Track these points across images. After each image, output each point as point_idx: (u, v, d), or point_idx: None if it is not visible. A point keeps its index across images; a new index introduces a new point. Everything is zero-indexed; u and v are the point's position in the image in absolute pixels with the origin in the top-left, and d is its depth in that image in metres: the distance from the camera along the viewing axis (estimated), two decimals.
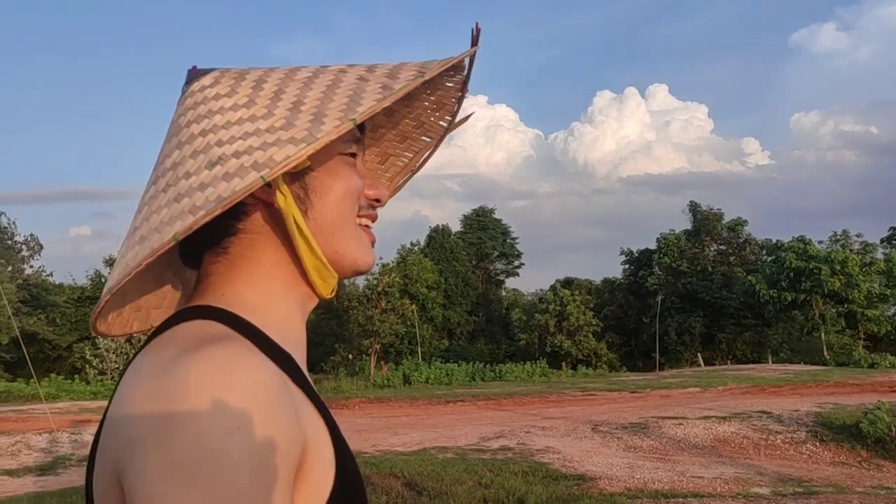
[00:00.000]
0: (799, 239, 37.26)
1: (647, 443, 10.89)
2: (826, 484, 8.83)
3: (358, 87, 0.74)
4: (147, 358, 0.66)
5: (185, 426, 0.59)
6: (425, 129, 0.97)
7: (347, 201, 0.81)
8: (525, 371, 25.57)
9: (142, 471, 0.59)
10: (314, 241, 0.78)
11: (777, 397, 16.07)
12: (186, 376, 0.61)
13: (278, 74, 0.78)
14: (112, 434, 0.64)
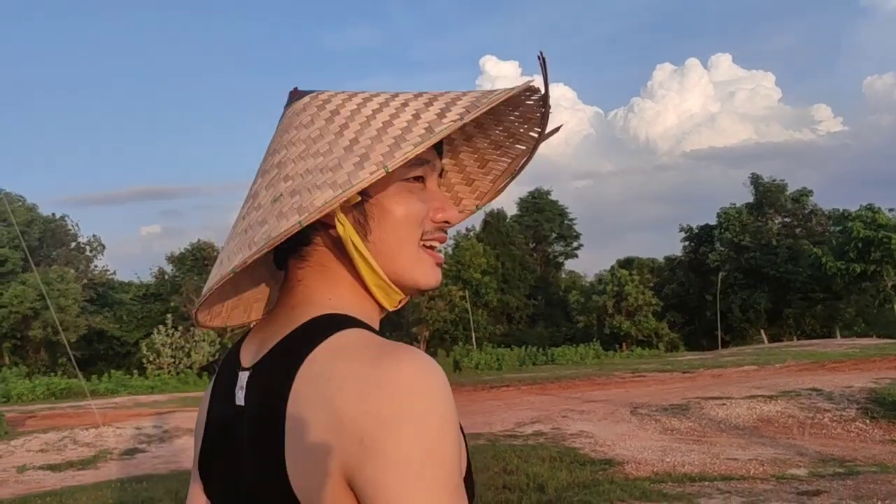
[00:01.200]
0: (867, 207, 35.68)
1: (685, 424, 10.58)
2: (870, 463, 8.40)
3: (406, 129, 0.78)
4: (331, 365, 0.74)
5: (410, 424, 0.68)
6: (516, 138, 1.00)
7: (406, 226, 0.85)
8: (578, 354, 25.23)
9: (383, 461, 0.68)
10: (374, 262, 0.83)
11: (835, 373, 15.43)
12: (402, 379, 0.70)
13: (353, 104, 0.84)
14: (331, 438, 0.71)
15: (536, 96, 0.90)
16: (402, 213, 0.85)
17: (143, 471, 9.22)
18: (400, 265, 0.86)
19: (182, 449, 10.50)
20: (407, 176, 0.86)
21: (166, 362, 22.35)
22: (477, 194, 1.08)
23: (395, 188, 0.85)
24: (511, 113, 0.96)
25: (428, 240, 0.88)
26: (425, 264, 0.88)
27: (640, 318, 40.44)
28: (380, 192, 0.84)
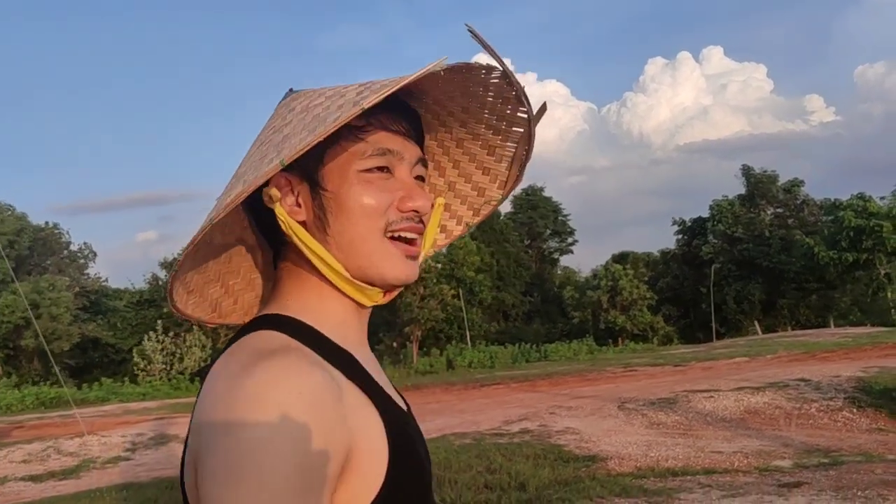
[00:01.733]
0: (858, 196, 35.65)
1: (672, 418, 10.53)
2: (855, 453, 8.36)
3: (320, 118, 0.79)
4: (222, 364, 0.77)
5: (237, 433, 0.68)
6: (509, 122, 0.99)
7: (364, 217, 0.85)
8: (571, 350, 25.16)
9: (205, 469, 0.70)
10: (331, 259, 0.84)
11: (825, 363, 15.39)
12: (243, 390, 0.70)
13: (310, 98, 0.87)
14: (193, 432, 0.75)
15: (496, 73, 0.87)
16: (357, 206, 0.84)
17: (125, 479, 9.14)
18: (363, 259, 0.85)
19: (166, 456, 10.42)
20: (366, 167, 0.85)
21: (158, 369, 22.24)
22: (498, 183, 1.07)
23: (353, 179, 0.85)
24: (486, 93, 0.93)
25: (394, 230, 0.86)
26: (392, 257, 0.86)
27: (634, 313, 40.39)
28: (336, 184, 0.85)
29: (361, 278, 0.86)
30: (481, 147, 1.04)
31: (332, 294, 0.87)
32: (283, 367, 0.73)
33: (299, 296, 0.87)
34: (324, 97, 0.85)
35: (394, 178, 0.87)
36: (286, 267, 0.89)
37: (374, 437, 0.79)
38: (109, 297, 45.33)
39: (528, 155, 1.02)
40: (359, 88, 0.82)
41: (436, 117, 1.02)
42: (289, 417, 0.69)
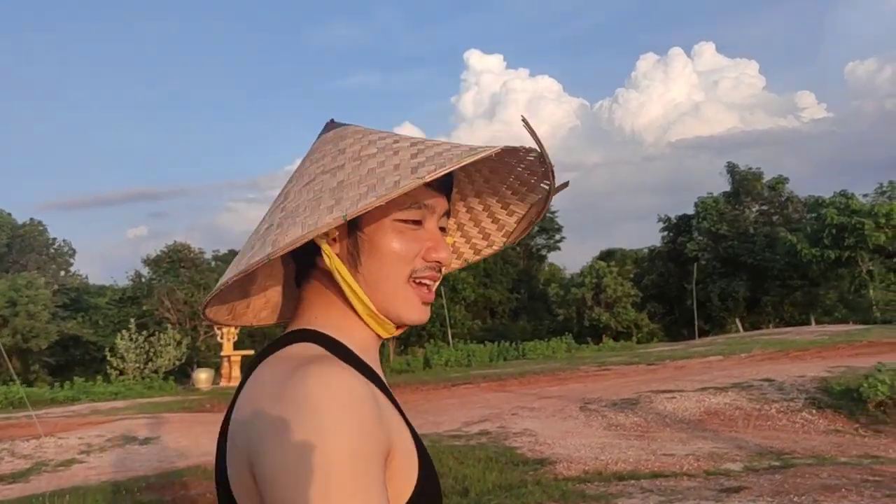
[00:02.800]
0: (841, 193, 35.68)
1: (631, 420, 10.45)
2: (808, 455, 8.31)
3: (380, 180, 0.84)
4: (268, 371, 0.85)
5: (298, 427, 0.75)
6: (530, 187, 1.08)
7: (393, 263, 0.92)
8: (550, 348, 25.04)
9: (268, 461, 0.76)
10: (361, 292, 0.92)
11: (796, 362, 15.36)
12: (297, 389, 0.77)
13: (359, 145, 0.93)
14: (244, 429, 0.81)
15: (533, 154, 0.97)
16: (389, 251, 0.92)
17: (73, 483, 9.00)
18: (386, 298, 0.93)
19: (120, 459, 10.29)
20: (402, 217, 0.93)
21: (131, 367, 22.04)
22: (503, 232, 1.18)
23: (388, 226, 0.93)
24: (518, 165, 1.03)
25: (418, 278, 0.94)
26: (410, 301, 0.94)
27: (618, 310, 40.38)
28: (372, 227, 0.92)
29: (382, 313, 0.94)
30: (496, 201, 1.13)
31: (356, 321, 0.95)
32: (330, 370, 0.80)
33: (326, 316, 0.95)
34: (375, 147, 0.91)
35: (423, 229, 0.95)
36: (313, 288, 0.97)
37: (407, 440, 0.86)
38: (91, 294, 45.05)
39: (538, 217, 1.11)
40: (412, 150, 0.88)
41: (461, 173, 1.11)
42: (344, 411, 0.76)
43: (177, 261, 44.17)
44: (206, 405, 16.22)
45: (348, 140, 0.95)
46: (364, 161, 0.89)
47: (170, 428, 12.90)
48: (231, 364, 21.24)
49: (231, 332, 21.71)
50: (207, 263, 46.65)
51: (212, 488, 8.27)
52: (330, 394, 0.77)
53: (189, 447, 11.01)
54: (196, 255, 45.74)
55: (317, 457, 0.73)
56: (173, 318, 32.00)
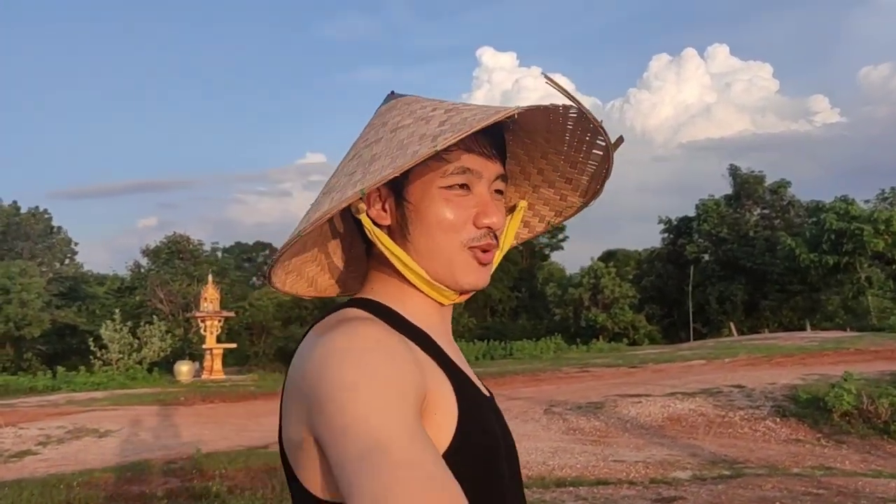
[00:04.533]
0: (841, 199, 35.30)
1: (591, 424, 10.30)
2: (761, 465, 8.16)
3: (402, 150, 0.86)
4: (311, 334, 0.88)
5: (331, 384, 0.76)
6: (589, 144, 1.03)
7: (440, 231, 0.92)
8: (538, 348, 24.84)
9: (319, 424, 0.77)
10: (411, 262, 0.93)
11: (777, 368, 15.17)
12: (326, 347, 0.80)
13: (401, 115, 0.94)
14: (291, 402, 0.84)
15: (573, 111, 0.93)
16: (435, 220, 0.92)
17: (21, 475, 8.92)
18: (439, 266, 0.93)
19: (75, 451, 10.21)
20: (447, 184, 0.92)
21: (115, 358, 22.00)
22: (580, 192, 1.13)
23: (434, 195, 0.92)
24: (567, 123, 0.99)
25: (469, 245, 0.93)
26: (467, 265, 0.93)
27: (615, 311, 40.14)
28: (417, 197, 0.93)
29: (438, 281, 0.94)
30: (564, 161, 1.10)
31: (413, 291, 0.95)
32: (360, 326, 0.83)
33: (384, 288, 0.96)
34: (413, 117, 0.91)
35: (472, 195, 0.94)
36: (375, 263, 0.99)
37: (446, 396, 0.85)
38: (89, 283, 45.14)
39: (607, 173, 1.07)
40: (442, 117, 0.88)
41: (521, 134, 1.08)
42: (369, 358, 0.78)
43: (175, 252, 44.25)
44: (181, 398, 16.13)
45: (394, 112, 0.96)
46: (398, 132, 0.90)
47: (135, 421, 12.83)
48: (213, 357, 21.15)
49: (214, 325, 21.63)
50: (206, 255, 46.72)
51: (155, 483, 8.16)
52: (354, 341, 0.80)
53: (148, 441, 10.94)
54: (195, 246, 45.81)
55: (352, 398, 0.74)
56: (166, 309, 31.99)
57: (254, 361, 39.14)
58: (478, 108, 0.88)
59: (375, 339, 0.81)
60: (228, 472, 8.35)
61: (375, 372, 0.77)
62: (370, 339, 0.81)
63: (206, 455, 9.10)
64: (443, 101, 0.95)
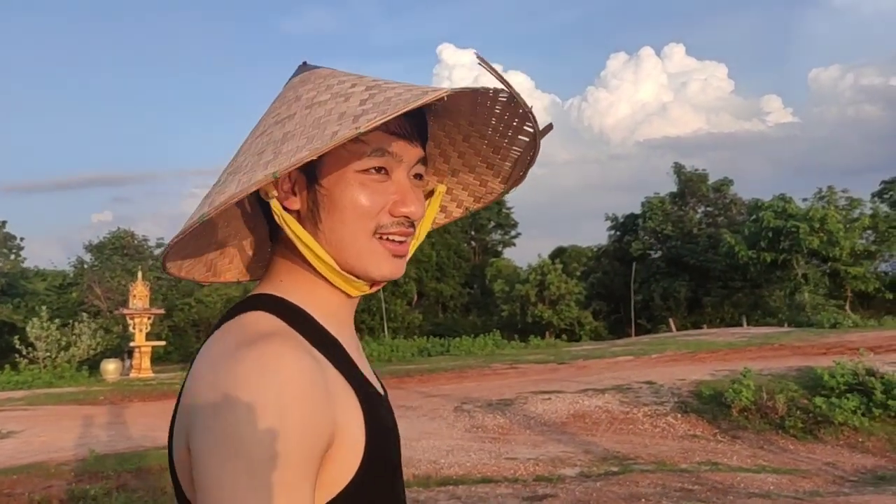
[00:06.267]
0: (780, 197, 36.03)
1: (495, 422, 10.34)
2: (651, 461, 8.27)
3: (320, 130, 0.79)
4: (213, 347, 0.81)
5: (227, 415, 0.72)
6: (515, 130, 0.99)
7: (354, 219, 0.87)
8: (477, 344, 24.91)
9: (198, 444, 0.74)
10: (321, 251, 0.88)
11: (696, 364, 15.46)
12: (231, 374, 0.74)
13: (315, 90, 0.87)
14: (184, 409, 0.79)
15: (503, 94, 0.88)
16: (350, 206, 0.87)
17: None
18: (351, 255, 0.88)
19: None
20: (364, 167, 0.87)
21: (41, 356, 21.46)
22: (501, 178, 1.10)
23: (350, 179, 0.87)
24: (495, 107, 0.94)
25: (384, 233, 0.89)
26: (378, 255, 0.89)
27: (561, 308, 40.49)
28: (331, 180, 0.87)
29: (349, 271, 0.89)
30: (487, 146, 1.05)
31: (322, 282, 0.90)
32: (271, 352, 0.76)
33: (292, 280, 0.91)
34: (330, 93, 0.85)
35: (390, 181, 0.89)
36: (281, 249, 0.93)
37: (354, 426, 0.82)
38: (30, 279, 44.06)
39: (531, 161, 1.04)
40: (363, 94, 0.82)
41: (444, 116, 1.03)
42: (275, 401, 0.73)
43: (119, 247, 43.43)
44: (101, 398, 15.80)
45: (308, 86, 0.89)
46: (314, 109, 0.83)
47: (43, 421, 12.52)
48: (142, 355, 20.76)
49: (143, 322, 21.23)
50: (150, 251, 45.93)
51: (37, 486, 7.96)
52: (265, 381, 0.74)
53: (50, 442, 10.67)
54: (139, 242, 45.04)
55: (240, 448, 0.71)
56: (103, 306, 31.36)
57: None
58: (402, 87, 0.82)
59: (290, 379, 0.74)
60: (118, 474, 8.20)
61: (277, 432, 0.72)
62: (284, 377, 0.74)
63: (100, 457, 8.93)
64: (362, 76, 0.88)
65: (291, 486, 0.72)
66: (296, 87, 0.91)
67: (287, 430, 0.72)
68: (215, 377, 0.76)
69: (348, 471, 0.81)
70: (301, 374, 0.76)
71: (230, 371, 0.75)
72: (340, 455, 0.80)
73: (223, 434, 0.72)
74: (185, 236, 0.85)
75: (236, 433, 0.71)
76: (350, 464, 0.81)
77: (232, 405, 0.72)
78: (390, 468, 0.89)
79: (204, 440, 0.73)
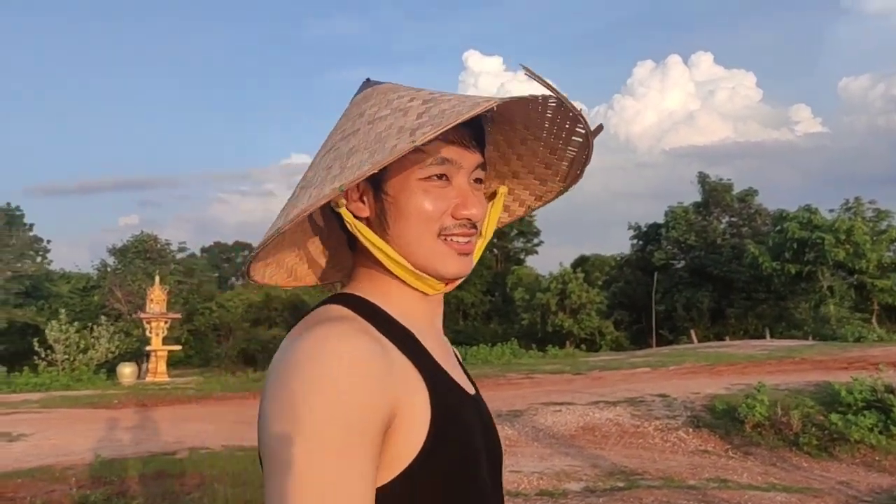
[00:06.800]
0: (805, 208, 35.54)
1: (504, 433, 10.17)
2: (658, 477, 8.08)
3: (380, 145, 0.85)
4: (291, 332, 0.89)
5: (288, 385, 0.79)
6: (568, 132, 1.02)
7: (418, 223, 0.93)
8: (493, 353, 24.73)
9: (263, 412, 0.81)
10: (394, 253, 0.94)
11: (713, 377, 15.18)
12: (298, 348, 0.82)
13: (377, 106, 0.93)
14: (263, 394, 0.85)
15: (552, 100, 0.92)
16: (414, 211, 0.93)
17: None
18: (420, 256, 0.94)
19: None
20: (425, 175, 0.93)
21: (60, 359, 21.67)
22: (560, 176, 1.14)
23: (413, 186, 0.92)
24: (545, 112, 0.98)
25: (447, 234, 0.94)
26: (445, 255, 0.94)
27: (582, 317, 40.17)
28: (396, 189, 0.93)
29: (422, 271, 0.94)
30: (543, 147, 1.10)
31: (397, 283, 0.96)
32: (334, 332, 0.83)
33: (369, 281, 0.97)
34: (389, 108, 0.90)
35: (451, 186, 0.95)
36: (359, 256, 0.99)
37: (418, 406, 0.85)
38: (55, 282, 44.61)
39: (587, 160, 1.07)
40: (419, 108, 0.87)
41: (500, 122, 1.08)
42: (332, 375, 0.78)
43: (142, 251, 43.83)
44: (115, 401, 15.89)
45: (370, 102, 0.95)
46: (375, 124, 0.89)
47: (56, 424, 12.61)
48: (157, 358, 20.87)
49: (160, 326, 21.36)
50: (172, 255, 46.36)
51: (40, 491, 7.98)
52: (327, 353, 0.80)
53: (59, 446, 10.72)
54: (161, 246, 45.45)
55: (296, 417, 0.76)
56: (124, 309, 31.65)
57: (216, 363, 38.87)
58: (456, 99, 0.87)
59: (349, 353, 0.80)
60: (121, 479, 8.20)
61: (334, 402, 0.77)
62: (343, 352, 0.80)
63: (105, 462, 8.94)
64: (420, 89, 0.93)
65: (348, 453, 0.77)
66: (359, 103, 0.98)
67: (342, 400, 0.77)
68: (283, 353, 0.83)
69: (412, 449, 0.84)
70: (358, 351, 0.81)
71: (295, 347, 0.82)
72: (402, 432, 0.83)
73: (284, 403, 0.78)
74: (266, 247, 0.94)
75: (295, 402, 0.77)
76: (413, 443, 0.84)
77: (293, 376, 0.79)
78: (469, 455, 0.91)
79: (270, 408, 0.80)
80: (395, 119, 0.87)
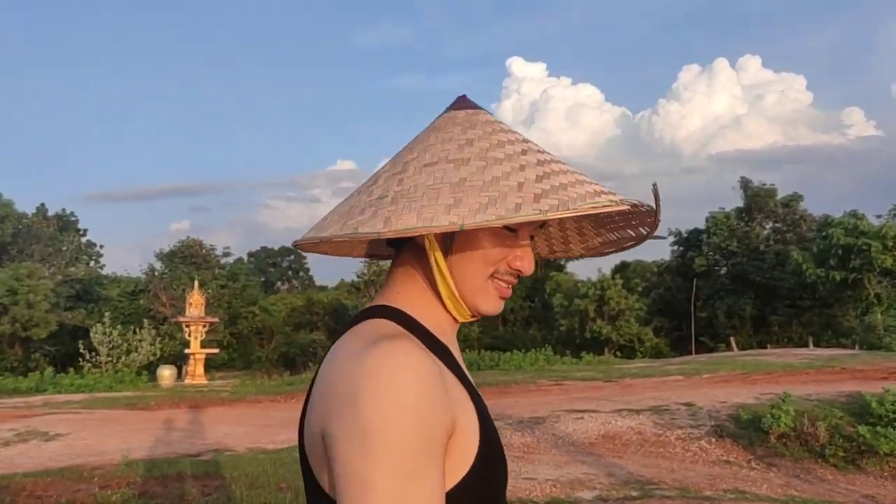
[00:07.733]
0: (851, 214, 34.64)
1: (523, 440, 10.20)
2: (675, 487, 8.01)
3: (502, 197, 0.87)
4: (345, 345, 0.91)
5: (360, 404, 0.81)
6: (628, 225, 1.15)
7: (481, 262, 0.99)
8: (527, 359, 24.67)
9: (335, 435, 0.82)
10: (449, 277, 0.98)
11: (747, 386, 14.92)
12: (364, 367, 0.83)
13: (489, 141, 0.97)
14: (320, 402, 0.88)
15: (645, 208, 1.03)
16: (481, 251, 0.98)
17: None
18: (467, 288, 1.00)
19: (15, 454, 10.35)
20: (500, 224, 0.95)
21: (103, 361, 22.26)
22: (586, 246, 1.24)
23: (484, 230, 0.97)
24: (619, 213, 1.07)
25: (499, 277, 1.01)
26: (489, 295, 1.01)
27: (621, 323, 39.79)
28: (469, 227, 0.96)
29: (462, 299, 1.00)
30: (590, 223, 1.21)
31: (436, 302, 1.01)
32: (397, 348, 0.86)
33: (408, 292, 1.02)
34: (503, 152, 0.94)
35: (515, 237, 1.01)
36: (402, 262, 1.04)
37: (470, 421, 0.91)
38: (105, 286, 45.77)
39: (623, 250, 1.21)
40: (536, 170, 0.91)
41: None
42: (405, 391, 0.81)
43: (188, 256, 44.76)
44: (152, 403, 16.30)
45: (477, 131, 0.99)
46: (490, 165, 0.92)
47: (92, 424, 12.99)
48: (196, 361, 21.33)
49: (198, 330, 21.83)
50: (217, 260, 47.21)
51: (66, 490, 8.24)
52: (395, 371, 0.82)
53: (92, 446, 11.05)
54: (207, 251, 46.34)
55: (377, 433, 0.79)
56: (168, 313, 32.36)
57: (257, 366, 39.46)
58: (573, 176, 0.92)
59: (416, 370, 0.84)
60: (145, 480, 8.42)
61: (412, 417, 0.81)
62: (412, 368, 0.84)
63: (131, 463, 9.19)
64: (520, 136, 1.00)
65: (422, 469, 0.80)
66: (463, 126, 1.01)
67: (414, 416, 0.81)
68: (347, 370, 0.85)
69: (465, 463, 0.89)
70: (423, 368, 0.85)
71: (361, 364, 0.84)
72: (459, 446, 0.88)
73: (356, 421, 0.80)
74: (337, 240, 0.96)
75: (366, 419, 0.80)
76: (467, 457, 0.89)
77: (363, 394, 0.81)
78: (500, 474, 0.96)
79: (339, 427, 0.82)
80: (512, 170, 0.91)
